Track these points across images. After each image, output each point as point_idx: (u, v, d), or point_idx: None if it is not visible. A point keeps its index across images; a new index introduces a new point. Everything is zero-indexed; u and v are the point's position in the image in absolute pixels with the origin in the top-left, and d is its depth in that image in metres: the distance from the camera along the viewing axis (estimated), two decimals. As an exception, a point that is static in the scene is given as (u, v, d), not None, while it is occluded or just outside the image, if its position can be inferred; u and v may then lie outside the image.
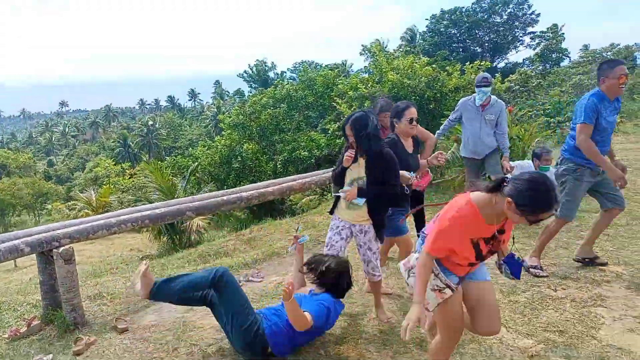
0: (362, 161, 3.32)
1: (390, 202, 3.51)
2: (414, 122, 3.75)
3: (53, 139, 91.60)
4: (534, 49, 42.99)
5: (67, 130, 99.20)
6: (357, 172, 3.34)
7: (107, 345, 3.47)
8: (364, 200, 3.29)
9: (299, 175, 6.63)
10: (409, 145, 3.85)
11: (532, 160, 5.60)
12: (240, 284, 4.46)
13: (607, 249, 4.61)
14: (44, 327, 3.83)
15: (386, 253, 4.49)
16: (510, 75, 24.58)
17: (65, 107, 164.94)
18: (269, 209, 13.50)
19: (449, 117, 5.74)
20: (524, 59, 44.60)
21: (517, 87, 21.45)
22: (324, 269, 3.25)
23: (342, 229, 3.49)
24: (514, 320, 3.41)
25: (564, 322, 3.35)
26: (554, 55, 41.50)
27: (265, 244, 6.29)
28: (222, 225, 14.30)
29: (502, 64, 45.13)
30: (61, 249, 3.69)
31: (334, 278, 3.25)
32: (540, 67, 39.69)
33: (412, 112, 3.73)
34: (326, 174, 6.47)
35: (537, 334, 3.21)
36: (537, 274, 4.12)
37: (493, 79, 5.45)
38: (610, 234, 5.02)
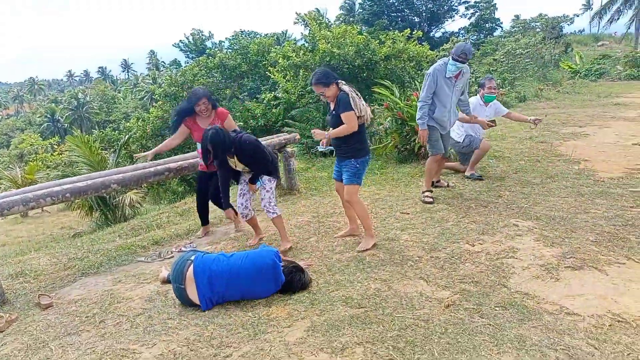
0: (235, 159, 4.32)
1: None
2: (322, 97, 4.25)
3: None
4: (469, 18, 44.17)
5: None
6: (240, 167, 4.41)
7: (30, 322, 3.37)
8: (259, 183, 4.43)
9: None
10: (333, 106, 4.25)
11: (478, 91, 6.36)
12: (171, 255, 4.46)
13: (522, 206, 4.94)
14: (-41, 308, 3.66)
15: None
16: (444, 44, 25.16)
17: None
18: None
19: (424, 96, 5.20)
20: (459, 29, 45.75)
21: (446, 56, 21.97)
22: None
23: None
24: (434, 275, 3.61)
25: (478, 273, 3.59)
26: (487, 25, 42.85)
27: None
28: (160, 199, 13.97)
29: (438, 34, 46.03)
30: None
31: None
32: (475, 37, 40.90)
33: (314, 89, 4.23)
34: (277, 138, 6.46)
35: (455, 285, 3.43)
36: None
37: (471, 56, 5.31)
38: (525, 192, 5.37)
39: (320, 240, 4.53)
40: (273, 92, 11.96)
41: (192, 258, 3.43)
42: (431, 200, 5.31)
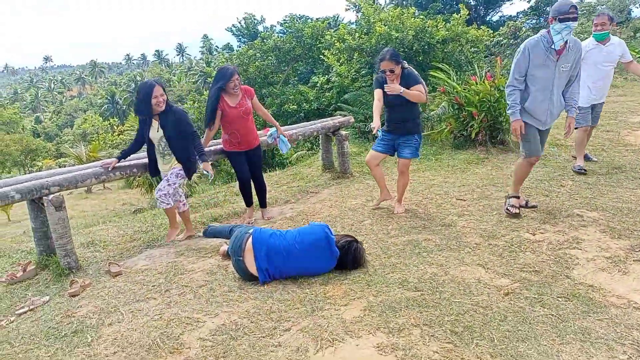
0: (155, 123, 4.27)
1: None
2: (387, 73, 4.39)
3: (39, 95, 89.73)
4: (528, 1, 42.19)
5: (52, 86, 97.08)
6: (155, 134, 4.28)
7: (102, 288, 3.59)
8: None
9: (287, 127, 6.65)
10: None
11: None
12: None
13: (587, 196, 4.75)
14: (40, 272, 3.95)
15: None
16: (500, 28, 24.22)
17: (49, 62, 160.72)
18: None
19: (511, 79, 4.14)
20: (517, 12, 43.79)
21: (506, 40, 21.18)
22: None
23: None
24: (492, 262, 3.56)
25: (540, 263, 3.50)
26: (548, 9, 40.80)
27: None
28: (214, 179, 14.37)
29: (495, 17, 44.30)
30: (51, 196, 3.75)
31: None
32: (534, 21, 39.10)
33: (383, 64, 4.38)
34: (314, 126, 6.50)
35: (514, 274, 3.37)
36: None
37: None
38: (590, 182, 5.15)
39: (375, 224, 4.54)
40: (326, 76, 11.97)
41: (251, 231, 3.54)
42: (517, 211, 4.35)
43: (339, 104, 10.74)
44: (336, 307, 3.08)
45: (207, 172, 4.34)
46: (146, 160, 4.50)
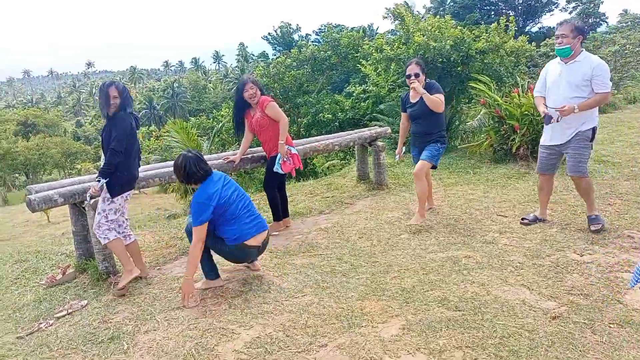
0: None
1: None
2: (412, 77, 4.61)
3: (81, 99, 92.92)
4: (570, 12, 41.16)
5: (93, 91, 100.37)
6: None
7: (137, 294, 3.61)
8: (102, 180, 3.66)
9: (323, 136, 6.62)
10: (413, 96, 4.82)
11: None
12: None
13: (637, 216, 4.51)
14: (78, 275, 4.00)
15: None
16: (547, 39, 23.66)
17: (91, 68, 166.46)
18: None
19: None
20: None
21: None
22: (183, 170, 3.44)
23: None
24: (537, 283, 3.40)
25: (588, 286, 3.32)
26: (590, 20, 39.72)
27: (288, 204, 6.34)
28: (246, 186, 14.48)
29: (535, 29, 43.40)
30: (92, 200, 3.80)
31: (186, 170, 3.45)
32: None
33: (409, 68, 4.67)
34: (350, 136, 6.45)
35: (561, 296, 3.21)
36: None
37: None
38: (641, 202, 4.90)
39: (412, 238, 4.43)
40: (362, 86, 11.91)
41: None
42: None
43: (374, 114, 10.66)
44: (374, 324, 2.99)
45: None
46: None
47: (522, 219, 4.57)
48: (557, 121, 4.08)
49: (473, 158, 7.48)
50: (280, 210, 4.98)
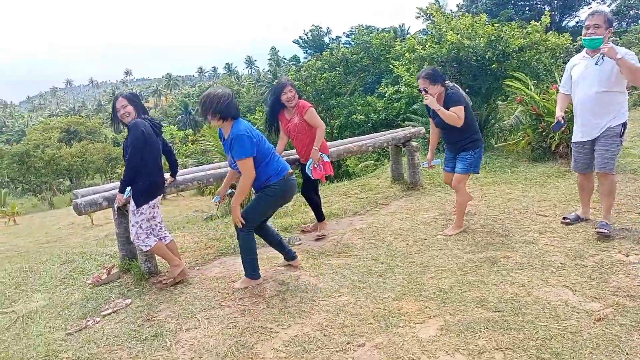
0: None
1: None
2: (422, 92, 4.35)
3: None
4: (609, 5, 39.71)
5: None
6: None
7: (179, 293, 3.70)
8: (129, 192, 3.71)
9: (357, 137, 6.62)
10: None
11: None
12: (299, 242, 4.63)
13: (686, 215, 4.33)
14: (122, 275, 4.14)
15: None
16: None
17: (129, 76, 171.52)
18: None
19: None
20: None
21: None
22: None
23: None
24: (581, 284, 3.31)
25: (635, 287, 3.21)
26: (631, 12, 38.22)
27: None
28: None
29: (572, 23, 42.07)
30: (117, 209, 3.92)
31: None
32: (616, 25, 36.69)
33: (419, 82, 4.39)
34: (384, 137, 6.43)
35: (606, 298, 3.11)
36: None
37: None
38: (691, 200, 4.70)
39: (449, 239, 4.39)
40: (395, 86, 11.86)
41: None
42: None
43: (407, 115, 10.59)
44: (411, 324, 2.98)
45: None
46: (221, 170, 4.64)
47: (564, 218, 4.42)
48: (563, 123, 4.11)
49: (510, 157, 7.33)
50: (321, 211, 4.99)
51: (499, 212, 4.95)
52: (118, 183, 4.31)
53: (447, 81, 4.45)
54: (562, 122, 4.10)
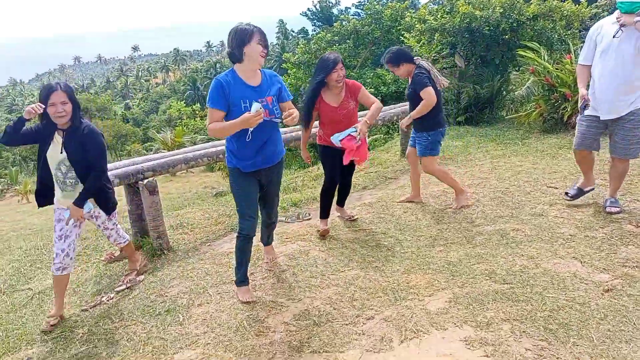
0: (59, 138, 3.15)
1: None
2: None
3: (128, 82, 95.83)
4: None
5: (140, 74, 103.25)
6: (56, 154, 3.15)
7: (191, 269, 3.77)
8: (89, 206, 3.29)
9: (365, 111, 6.57)
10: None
11: None
12: (309, 216, 4.65)
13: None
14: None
15: None
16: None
17: (137, 52, 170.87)
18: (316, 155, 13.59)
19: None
20: (615, -19, 40.00)
21: (606, 13, 19.43)
22: None
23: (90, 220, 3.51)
24: (590, 255, 3.31)
25: (645, 258, 3.20)
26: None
27: (313, 188, 6.39)
28: (290, 164, 14.66)
29: (588, -11, 40.88)
30: (145, 181, 3.97)
31: None
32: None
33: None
34: (393, 109, 6.38)
35: (615, 269, 3.11)
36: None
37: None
38: None
39: (458, 212, 4.39)
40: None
41: None
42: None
43: (417, 87, 10.44)
44: (420, 297, 3.01)
45: (89, 206, 3.36)
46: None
47: (565, 193, 4.18)
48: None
49: (521, 128, 7.26)
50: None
51: (508, 184, 4.92)
52: (128, 161, 4.36)
53: (416, 58, 4.26)
54: (588, 101, 3.67)
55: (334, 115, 3.87)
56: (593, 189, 4.17)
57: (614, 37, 3.51)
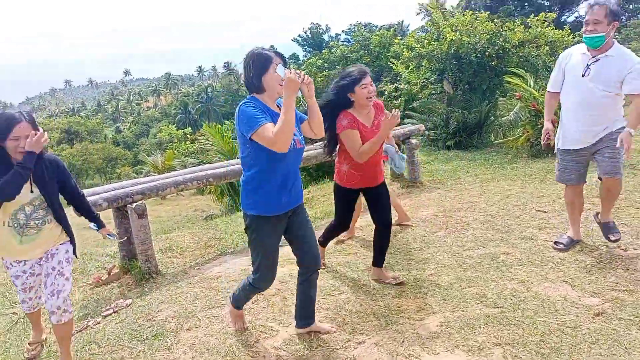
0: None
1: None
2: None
3: (119, 106, 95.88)
4: (610, -1, 39.55)
5: (131, 98, 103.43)
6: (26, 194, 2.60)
7: (180, 293, 3.72)
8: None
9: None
10: None
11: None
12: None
13: (686, 209, 4.34)
14: (123, 276, 4.16)
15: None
16: (581, 28, 22.83)
17: (128, 76, 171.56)
18: (327, 170, 13.65)
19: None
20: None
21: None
22: None
23: (32, 269, 2.83)
24: (580, 279, 3.32)
25: (634, 281, 3.22)
26: (631, 6, 38.16)
27: (322, 203, 6.40)
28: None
29: (571, 18, 41.96)
30: (134, 204, 3.94)
31: None
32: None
33: None
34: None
35: (605, 293, 3.12)
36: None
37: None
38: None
39: (449, 235, 4.40)
40: (394, 84, 11.85)
41: None
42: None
43: (407, 112, 10.60)
44: (411, 321, 2.99)
45: (112, 235, 3.20)
46: (221, 169, 4.64)
47: (555, 242, 3.86)
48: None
49: (509, 153, 7.35)
50: None
51: (498, 208, 4.95)
52: (117, 184, 4.33)
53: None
54: (551, 135, 3.68)
55: (368, 136, 3.23)
56: (580, 241, 3.89)
57: (583, 76, 3.43)
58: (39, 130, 2.54)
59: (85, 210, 3.04)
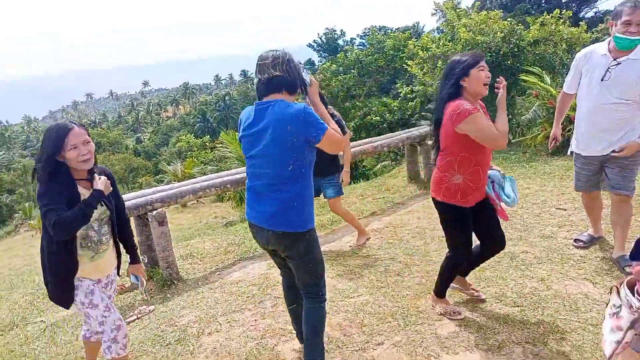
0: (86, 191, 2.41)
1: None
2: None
3: (139, 117, 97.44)
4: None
5: (150, 108, 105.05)
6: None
7: (201, 298, 3.78)
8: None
9: (371, 138, 6.65)
10: None
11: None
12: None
13: None
14: (145, 283, 4.23)
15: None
16: (599, 24, 22.47)
17: (147, 87, 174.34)
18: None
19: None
20: (615, 6, 40.23)
21: (605, 37, 19.57)
22: None
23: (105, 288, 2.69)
24: (601, 276, 3.28)
25: (657, 278, 3.16)
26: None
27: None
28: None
29: (590, 14, 41.22)
30: (155, 212, 4.03)
31: None
32: None
33: None
34: (399, 136, 6.44)
35: (627, 289, 3.08)
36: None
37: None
38: None
39: (467, 235, 4.37)
40: (410, 86, 11.87)
41: None
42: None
43: (422, 113, 10.58)
44: (430, 322, 3.00)
45: (137, 278, 2.92)
46: (238, 175, 4.71)
47: (575, 240, 3.83)
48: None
49: (528, 151, 7.26)
50: None
51: (517, 207, 4.90)
52: (138, 192, 4.42)
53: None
54: (558, 139, 3.69)
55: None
56: (601, 237, 3.84)
57: (602, 80, 3.24)
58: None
59: (126, 235, 2.75)
